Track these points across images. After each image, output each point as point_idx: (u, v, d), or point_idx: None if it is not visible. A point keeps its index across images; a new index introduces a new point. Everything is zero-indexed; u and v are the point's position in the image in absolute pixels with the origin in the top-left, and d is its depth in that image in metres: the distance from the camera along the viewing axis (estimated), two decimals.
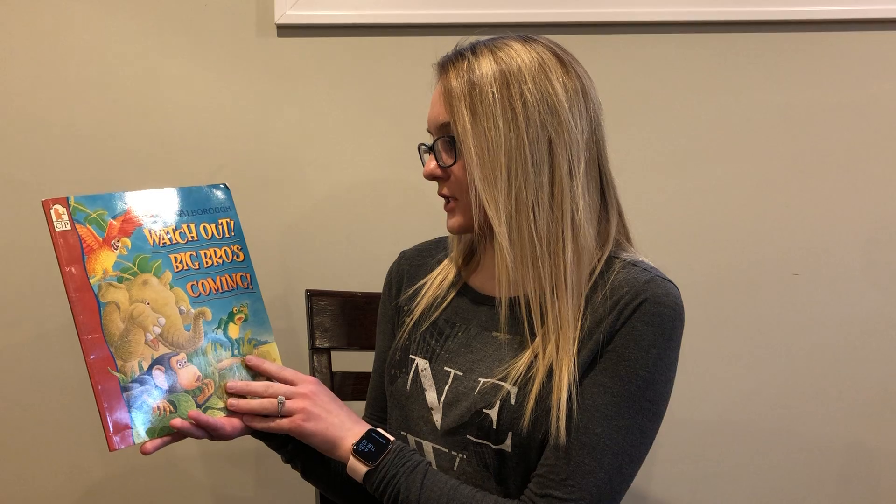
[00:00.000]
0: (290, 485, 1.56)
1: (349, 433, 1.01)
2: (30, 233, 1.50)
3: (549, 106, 0.98)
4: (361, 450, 1.00)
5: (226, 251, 1.08)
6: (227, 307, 1.07)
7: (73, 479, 1.56)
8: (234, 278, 1.08)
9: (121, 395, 0.98)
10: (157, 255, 1.04)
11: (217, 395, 1.04)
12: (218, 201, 1.10)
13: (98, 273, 1.00)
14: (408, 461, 1.00)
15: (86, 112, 1.50)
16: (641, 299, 0.97)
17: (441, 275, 1.15)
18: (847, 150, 1.56)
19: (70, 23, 1.49)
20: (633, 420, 0.97)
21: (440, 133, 1.03)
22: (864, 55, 1.54)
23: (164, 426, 1.00)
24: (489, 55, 1.00)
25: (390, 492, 0.99)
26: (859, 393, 1.59)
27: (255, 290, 1.10)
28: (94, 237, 1.00)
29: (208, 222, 1.08)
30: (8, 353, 1.53)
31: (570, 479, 0.95)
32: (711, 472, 1.61)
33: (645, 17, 1.50)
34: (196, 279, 1.05)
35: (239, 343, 1.07)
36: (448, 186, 1.04)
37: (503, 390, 1.00)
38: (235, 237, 1.10)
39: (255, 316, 1.09)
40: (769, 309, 1.57)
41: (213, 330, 1.06)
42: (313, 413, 1.01)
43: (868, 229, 1.57)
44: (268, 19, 1.50)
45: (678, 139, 1.55)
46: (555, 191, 0.98)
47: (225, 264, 1.08)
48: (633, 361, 0.96)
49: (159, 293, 1.03)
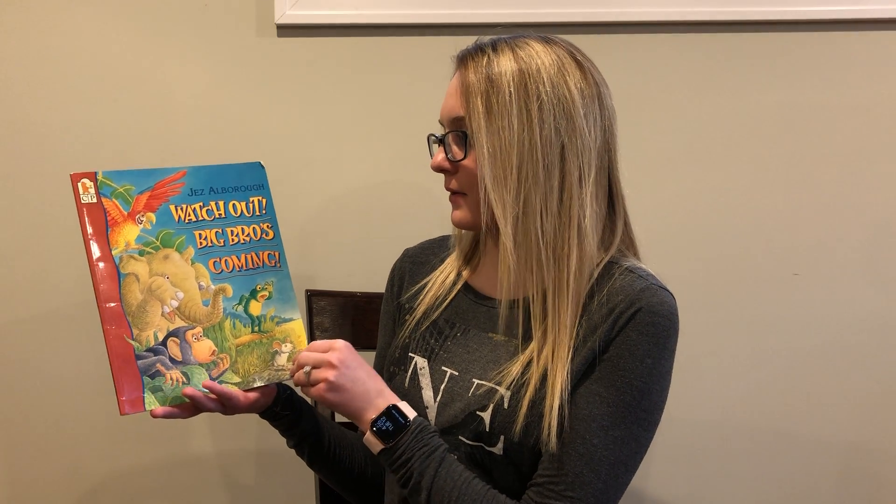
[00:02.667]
0: (291, 478, 1.57)
1: (371, 406, 1.00)
2: (29, 232, 1.50)
3: (565, 110, 0.97)
4: (379, 427, 0.99)
5: (254, 229, 1.10)
6: (251, 284, 1.09)
7: (73, 480, 1.56)
8: (262, 256, 1.10)
9: (135, 362, 1.01)
10: (182, 232, 1.06)
11: (232, 370, 1.06)
12: (250, 179, 1.11)
13: (120, 245, 1.03)
14: (425, 445, 0.99)
15: (86, 112, 1.50)
16: (636, 308, 0.97)
17: (443, 274, 1.15)
18: (847, 150, 1.56)
19: (69, 23, 1.48)
20: (629, 430, 0.97)
21: (453, 126, 1.02)
22: (864, 55, 1.54)
23: (177, 395, 1.02)
24: (509, 53, 0.99)
25: (403, 473, 0.99)
26: (859, 393, 1.59)
27: (284, 268, 1.11)
28: (120, 211, 1.03)
29: (238, 200, 1.10)
30: (7, 352, 1.53)
31: (570, 489, 0.95)
32: (711, 473, 1.61)
33: (645, 17, 1.50)
34: (220, 256, 1.07)
35: (261, 320, 1.08)
36: (456, 180, 1.04)
37: (497, 394, 1.00)
38: (267, 215, 1.11)
39: (281, 294, 1.10)
40: (769, 309, 1.57)
41: (233, 306, 1.07)
42: (336, 384, 0.99)
43: (868, 229, 1.57)
44: (268, 19, 1.50)
45: (678, 139, 1.55)
46: (564, 196, 0.98)
47: (252, 242, 1.09)
48: (628, 371, 0.96)
49: (180, 268, 1.05)
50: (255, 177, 1.11)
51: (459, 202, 1.05)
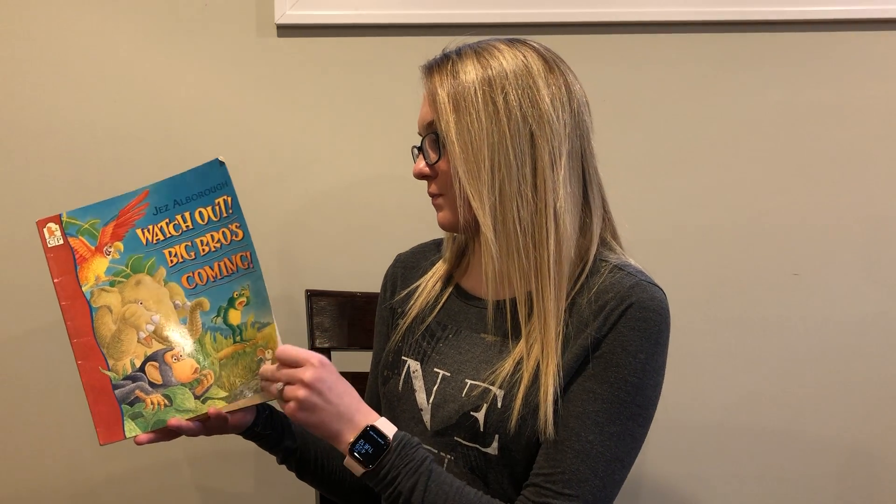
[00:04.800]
0: (290, 485, 1.56)
1: (347, 427, 0.96)
2: (29, 232, 1.49)
3: (531, 100, 0.99)
4: (359, 451, 0.96)
5: (224, 233, 1.05)
6: (227, 293, 1.05)
7: (73, 479, 1.56)
8: (234, 260, 1.05)
9: (111, 391, 1.02)
10: (151, 254, 1.04)
11: (217, 384, 1.03)
12: (213, 179, 1.05)
13: (90, 280, 1.03)
14: (410, 460, 0.96)
15: (86, 112, 1.50)
16: (627, 304, 0.97)
17: (434, 277, 1.16)
18: (847, 150, 1.56)
19: (69, 23, 1.48)
20: (625, 426, 0.97)
21: (427, 132, 1.05)
22: (863, 55, 1.54)
23: (159, 419, 1.02)
24: (473, 56, 1.02)
25: (391, 492, 0.96)
26: (859, 393, 1.59)
27: (256, 269, 1.04)
28: (87, 247, 1.03)
29: (204, 206, 1.05)
30: (6, 351, 1.53)
31: (567, 487, 0.96)
32: (711, 473, 1.61)
33: (645, 17, 1.50)
34: (192, 270, 1.05)
35: (241, 329, 1.04)
36: (435, 183, 1.06)
37: (490, 394, 1.01)
38: (233, 215, 1.05)
39: (257, 297, 1.04)
40: (769, 309, 1.57)
41: (211, 320, 1.04)
42: (309, 403, 0.95)
43: (868, 229, 1.57)
44: (268, 19, 1.50)
45: (678, 139, 1.55)
46: (537, 182, 0.99)
47: (223, 248, 1.05)
48: (621, 367, 0.97)
49: (153, 291, 1.04)
50: (217, 176, 1.05)
51: (441, 204, 1.07)
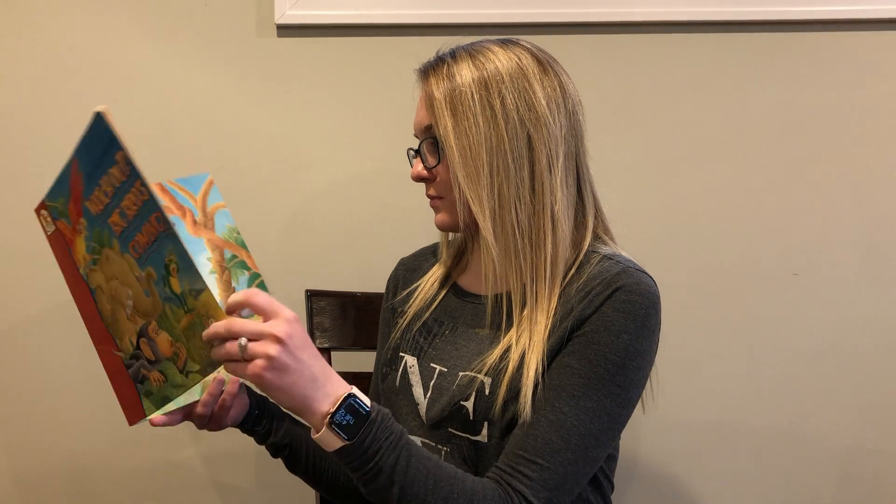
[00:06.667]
0: (290, 485, 1.56)
1: (322, 395, 0.85)
2: (30, 231, 1.49)
3: (527, 103, 1.00)
4: (339, 421, 0.85)
5: (135, 193, 0.86)
6: (161, 259, 0.87)
7: (74, 479, 1.56)
8: (152, 221, 0.86)
9: (126, 372, 0.98)
10: (102, 226, 0.91)
11: (191, 357, 0.90)
12: (103, 139, 0.85)
13: (81, 261, 0.97)
14: (391, 433, 0.88)
15: (85, 112, 1.50)
16: (613, 288, 0.98)
17: (433, 277, 1.18)
18: (847, 150, 1.56)
19: (69, 23, 1.49)
20: (601, 402, 0.97)
21: (424, 135, 1.07)
22: (864, 55, 1.54)
23: (164, 396, 0.96)
24: (468, 58, 1.03)
25: (370, 468, 0.88)
26: (859, 393, 1.59)
27: (169, 228, 0.84)
28: (68, 228, 0.96)
29: (111, 165, 0.86)
30: (6, 351, 1.53)
31: (539, 456, 0.95)
32: (711, 473, 1.61)
33: (645, 17, 1.50)
34: (132, 237, 0.88)
35: (184, 297, 0.87)
36: (434, 187, 1.07)
37: (478, 381, 1.02)
38: (133, 173, 0.84)
39: (182, 261, 0.85)
40: (769, 309, 1.57)
41: (163, 290, 0.88)
42: (280, 362, 0.82)
43: (868, 229, 1.57)
44: (268, 19, 1.50)
45: (678, 139, 1.55)
46: (535, 185, 1.01)
47: (140, 209, 0.86)
48: (602, 345, 0.97)
49: (118, 264, 0.91)
50: (106, 132, 0.85)
51: (439, 206, 1.08)
